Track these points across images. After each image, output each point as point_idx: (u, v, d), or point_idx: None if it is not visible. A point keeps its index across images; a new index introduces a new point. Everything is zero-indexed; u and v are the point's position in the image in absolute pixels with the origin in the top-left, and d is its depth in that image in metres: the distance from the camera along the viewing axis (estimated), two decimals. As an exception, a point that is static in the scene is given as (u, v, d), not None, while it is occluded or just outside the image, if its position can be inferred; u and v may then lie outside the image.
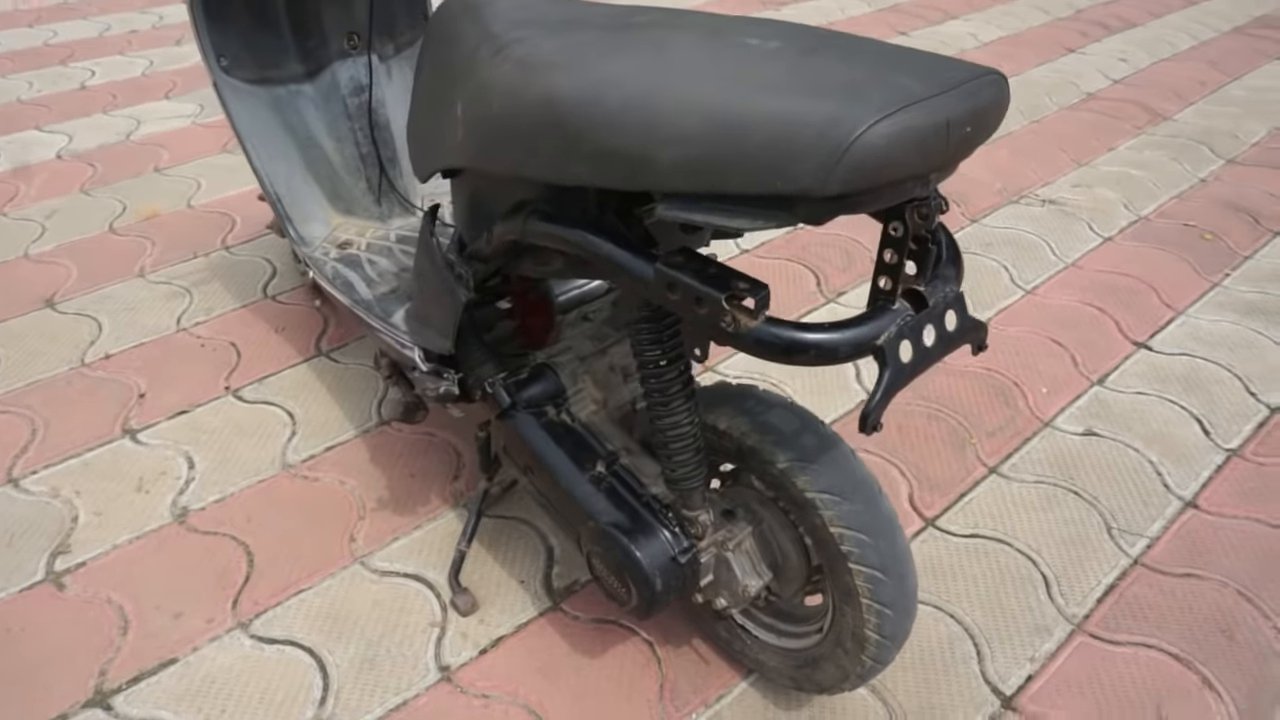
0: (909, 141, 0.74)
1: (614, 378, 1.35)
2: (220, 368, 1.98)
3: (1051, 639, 1.43)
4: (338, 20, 1.64)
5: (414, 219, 1.80)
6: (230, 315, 2.14)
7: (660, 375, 1.06)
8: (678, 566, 1.15)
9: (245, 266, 2.32)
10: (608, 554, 1.17)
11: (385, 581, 1.51)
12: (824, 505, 1.07)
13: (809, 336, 0.84)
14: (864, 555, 1.07)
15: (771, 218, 0.78)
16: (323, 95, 1.68)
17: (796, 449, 1.10)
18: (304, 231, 1.70)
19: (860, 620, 1.10)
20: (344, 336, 2.07)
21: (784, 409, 1.15)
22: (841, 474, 1.09)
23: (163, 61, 3.66)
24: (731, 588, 1.19)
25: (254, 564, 1.54)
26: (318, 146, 1.71)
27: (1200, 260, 2.40)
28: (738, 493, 1.23)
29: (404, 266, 1.62)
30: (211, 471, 1.72)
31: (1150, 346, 2.08)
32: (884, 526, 1.09)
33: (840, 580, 1.10)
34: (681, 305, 0.87)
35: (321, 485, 1.69)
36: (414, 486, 1.69)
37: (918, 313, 0.89)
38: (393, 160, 1.77)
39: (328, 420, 1.84)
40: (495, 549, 1.57)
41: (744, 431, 1.13)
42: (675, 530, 1.16)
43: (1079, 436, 1.82)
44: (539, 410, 1.27)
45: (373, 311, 1.46)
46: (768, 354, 0.85)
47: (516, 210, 1.05)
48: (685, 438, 1.09)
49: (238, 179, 2.72)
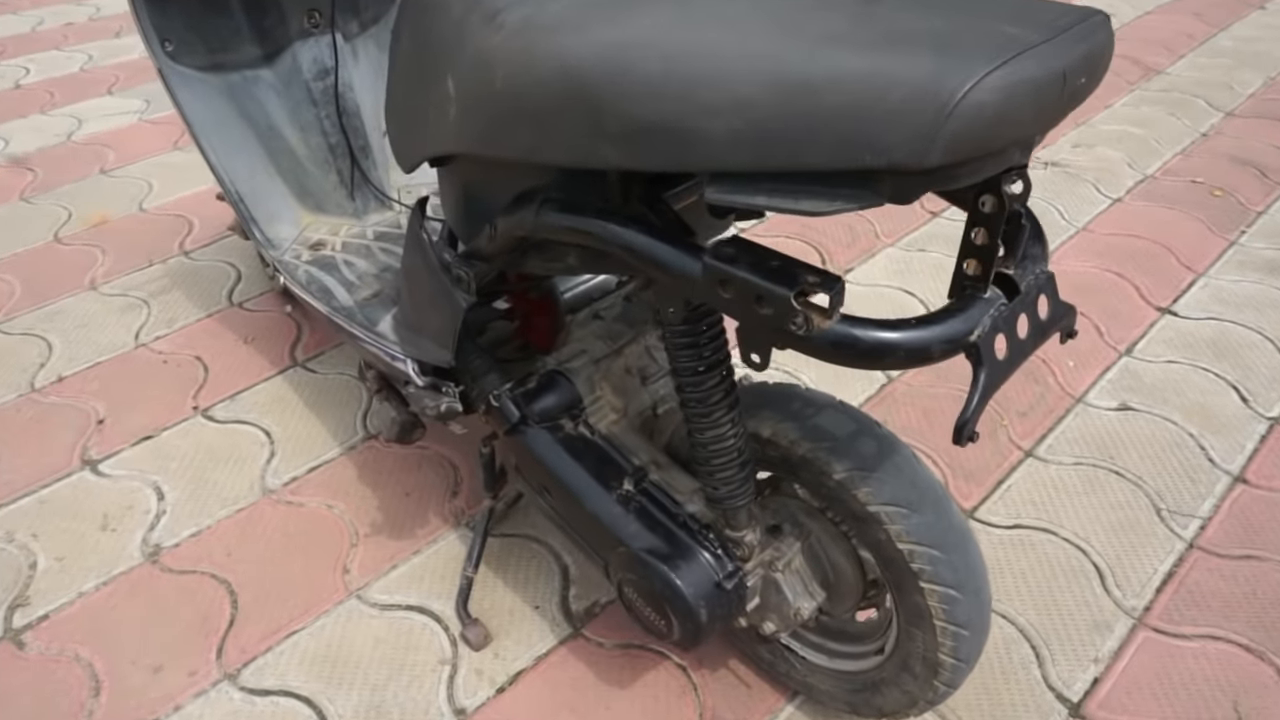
0: (1024, 97, 0.61)
1: (632, 381, 1.21)
2: (186, 385, 1.81)
3: (1113, 636, 1.33)
4: (295, -4, 1.47)
5: (392, 214, 1.64)
6: (194, 326, 1.97)
7: (700, 384, 0.92)
8: (723, 593, 1.03)
9: (207, 272, 2.14)
10: (643, 583, 1.04)
11: (386, 616, 1.37)
12: (890, 519, 0.95)
13: (895, 336, 0.71)
14: (937, 573, 0.95)
15: (851, 198, 0.65)
16: (283, 80, 1.51)
17: (854, 457, 0.97)
18: (271, 233, 1.54)
19: (933, 643, 0.98)
20: (320, 343, 1.91)
21: (835, 410, 1.02)
22: (906, 482, 0.97)
23: (103, 55, 3.43)
24: (781, 611, 1.07)
25: (238, 605, 1.39)
26: (281, 138, 1.54)
27: (1213, 218, 2.31)
28: (780, 504, 1.11)
29: (385, 266, 1.47)
30: (184, 502, 1.56)
31: (1175, 312, 1.98)
32: (957, 539, 0.97)
33: (909, 600, 0.98)
34: (736, 305, 0.74)
35: (307, 511, 1.54)
36: (410, 506, 1.55)
37: (1010, 300, 0.77)
38: (365, 150, 1.61)
39: (309, 437, 1.68)
40: (505, 572, 1.43)
41: (792, 439, 1.00)
42: (718, 552, 1.04)
43: (1114, 412, 1.72)
44: (553, 424, 1.13)
45: (355, 320, 1.31)
46: (845, 358, 0.72)
47: (523, 201, 0.91)
48: (729, 452, 0.96)
49: (192, 178, 2.53)
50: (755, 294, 0.72)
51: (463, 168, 1.01)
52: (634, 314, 1.27)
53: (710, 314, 0.90)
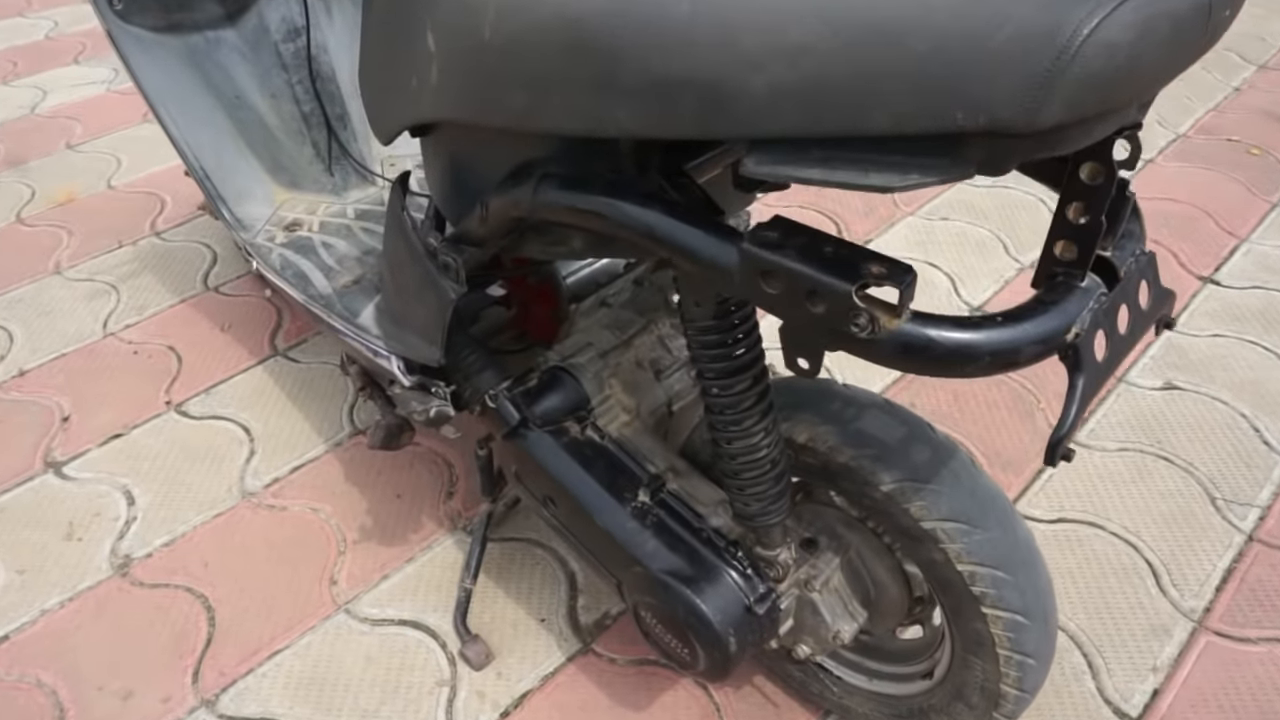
0: (1161, 34, 0.48)
1: (644, 375, 1.08)
2: (158, 378, 1.68)
3: (1172, 641, 1.21)
4: (259, -55, 1.31)
5: (375, 190, 1.50)
6: (166, 313, 1.83)
7: (729, 388, 0.80)
8: (754, 618, 0.91)
9: (180, 254, 2.00)
10: (663, 608, 0.92)
11: (378, 632, 1.25)
12: (948, 537, 0.83)
13: (978, 337, 0.58)
14: (1002, 597, 0.83)
15: (930, 168, 0.52)
16: (249, 42, 1.36)
17: (905, 465, 0.85)
18: (241, 213, 1.40)
19: (994, 673, 0.87)
20: (303, 330, 1.77)
21: (880, 411, 0.90)
22: (966, 494, 0.84)
23: (69, 21, 3.24)
24: (818, 634, 0.95)
25: (216, 622, 1.27)
26: (249, 107, 1.39)
27: (1252, 179, 2.16)
28: (815, 513, 0.98)
29: (368, 249, 1.33)
30: (156, 508, 1.44)
31: (1218, 281, 1.85)
32: (1023, 558, 0.85)
33: (968, 627, 0.86)
34: (782, 301, 0.61)
35: (291, 515, 1.42)
36: (401, 510, 1.42)
37: (1109, 289, 0.64)
38: (343, 119, 1.46)
39: (292, 434, 1.56)
40: (506, 581, 1.31)
41: (832, 445, 0.87)
42: (747, 572, 0.92)
43: (1159, 391, 1.60)
44: (558, 426, 1.00)
45: (334, 309, 1.18)
46: (916, 364, 0.59)
47: (519, 176, 0.77)
48: (761, 464, 0.84)
49: (165, 152, 2.37)
50: (807, 288, 0.58)
51: (448, 138, 0.87)
52: (644, 300, 1.13)
53: (742, 306, 0.77)
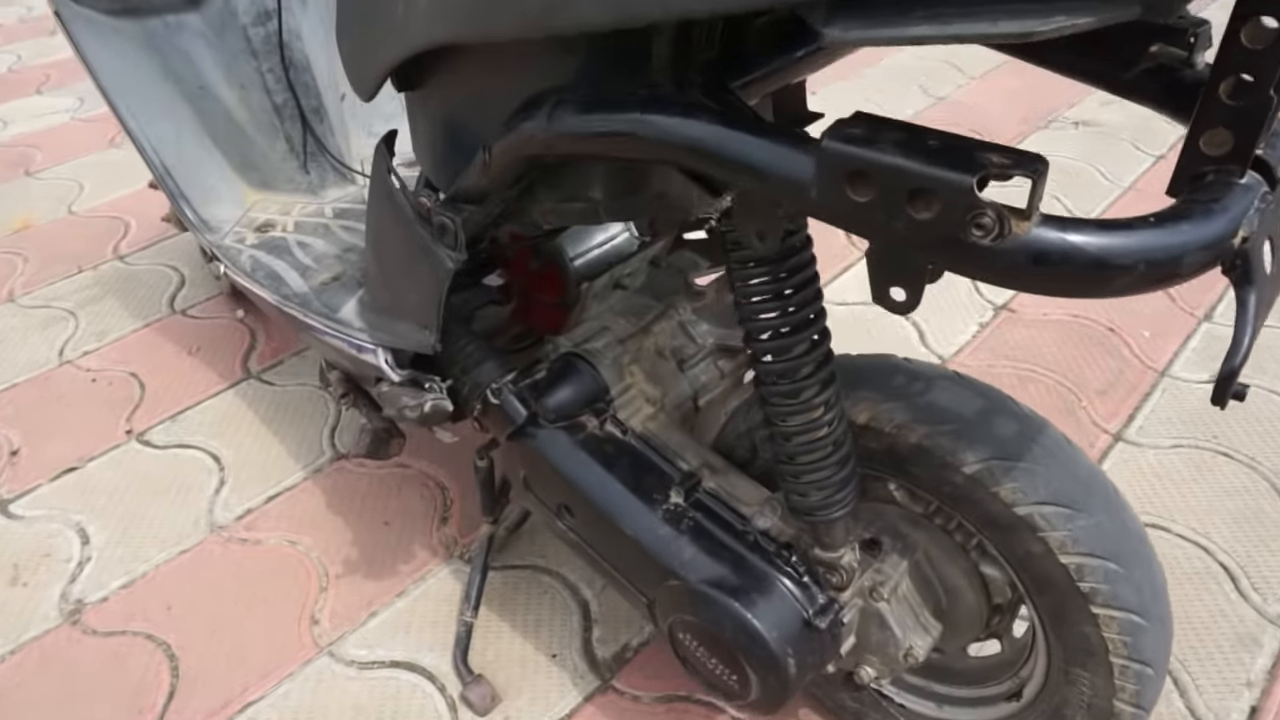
0: None
1: (665, 366, 0.95)
2: (118, 406, 1.53)
3: (1264, 652, 1.08)
4: (223, -79, 1.20)
5: (355, 189, 1.37)
6: (129, 339, 1.69)
7: (787, 350, 0.67)
8: (815, 634, 0.77)
9: (144, 277, 1.86)
10: (707, 627, 0.78)
11: (366, 676, 1.10)
12: (1049, 523, 0.69)
13: (1130, 241, 0.46)
14: (1116, 594, 0.70)
15: (1079, 8, 0.40)
16: (214, 27, 1.24)
17: (991, 442, 0.72)
18: (207, 214, 1.27)
19: (1106, 688, 0.73)
20: (278, 351, 1.63)
21: (952, 383, 0.77)
22: (1066, 474, 0.71)
23: (33, 54, 3.13)
24: (886, 652, 0.81)
25: (180, 672, 1.11)
26: (215, 98, 1.27)
27: (1269, 171, 2.09)
28: (873, 513, 0.85)
29: (349, 247, 1.20)
30: (113, 546, 1.28)
31: (1250, 271, 1.75)
32: (1136, 548, 0.72)
33: (1074, 632, 0.72)
34: (875, 212, 0.48)
35: (265, 549, 1.26)
36: (390, 538, 1.27)
37: (1272, 189, 0.52)
38: (319, 112, 1.34)
39: (266, 461, 1.41)
40: (511, 613, 1.16)
41: (900, 424, 0.75)
42: (804, 580, 0.78)
43: (1207, 385, 1.48)
44: (573, 422, 0.87)
45: (311, 307, 1.05)
46: (1052, 278, 0.46)
47: (530, 109, 0.65)
48: (824, 444, 0.71)
49: (131, 176, 2.24)
50: (911, 188, 0.46)
51: (441, 83, 0.75)
52: (662, 283, 1.01)
53: (802, 250, 0.65)
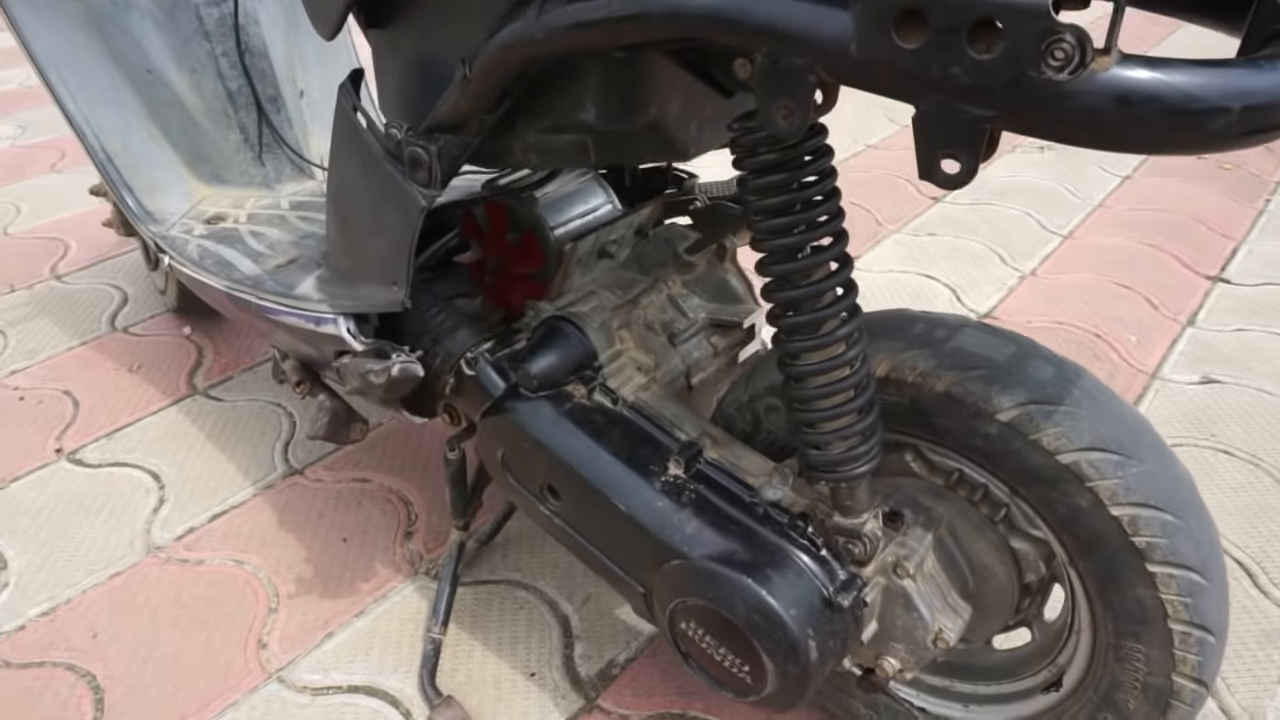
0: None
1: (655, 340, 0.88)
2: (48, 425, 1.40)
3: (1293, 649, 1.01)
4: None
5: (313, 183, 1.29)
6: (63, 357, 1.56)
7: (806, 274, 0.60)
8: (837, 614, 0.68)
9: (83, 296, 1.74)
10: (715, 609, 0.69)
11: (321, 703, 0.97)
12: (1098, 471, 0.62)
13: (1222, 80, 0.40)
14: (1175, 548, 0.62)
15: None
16: (165, 7, 1.17)
17: (1027, 384, 0.65)
18: (153, 205, 1.17)
19: (1164, 661, 0.65)
20: (228, 368, 1.52)
21: (974, 330, 0.71)
22: (1111, 418, 0.65)
23: (-26, 91, 3.02)
24: (914, 637, 0.73)
25: (104, 705, 0.98)
26: (164, 84, 1.19)
27: (1233, 189, 2.11)
28: (891, 486, 0.77)
29: (306, 234, 1.11)
30: (33, 571, 1.14)
31: (1227, 279, 1.75)
32: (1191, 498, 0.65)
33: (1127, 596, 0.65)
34: (927, 59, 0.42)
35: (208, 570, 1.14)
36: (349, 555, 1.16)
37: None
38: (276, 102, 1.26)
39: (211, 478, 1.29)
40: (483, 630, 1.05)
41: (925, 372, 0.68)
42: (822, 554, 0.70)
43: (1198, 386, 1.45)
44: (557, 391, 0.78)
45: (264, 288, 0.95)
46: (1137, 122, 0.40)
47: (515, 13, 0.59)
48: (846, 385, 0.63)
49: (71, 199, 2.13)
50: (974, 19, 0.40)
51: (412, 11, 0.68)
52: (649, 255, 0.94)
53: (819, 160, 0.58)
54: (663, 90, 0.65)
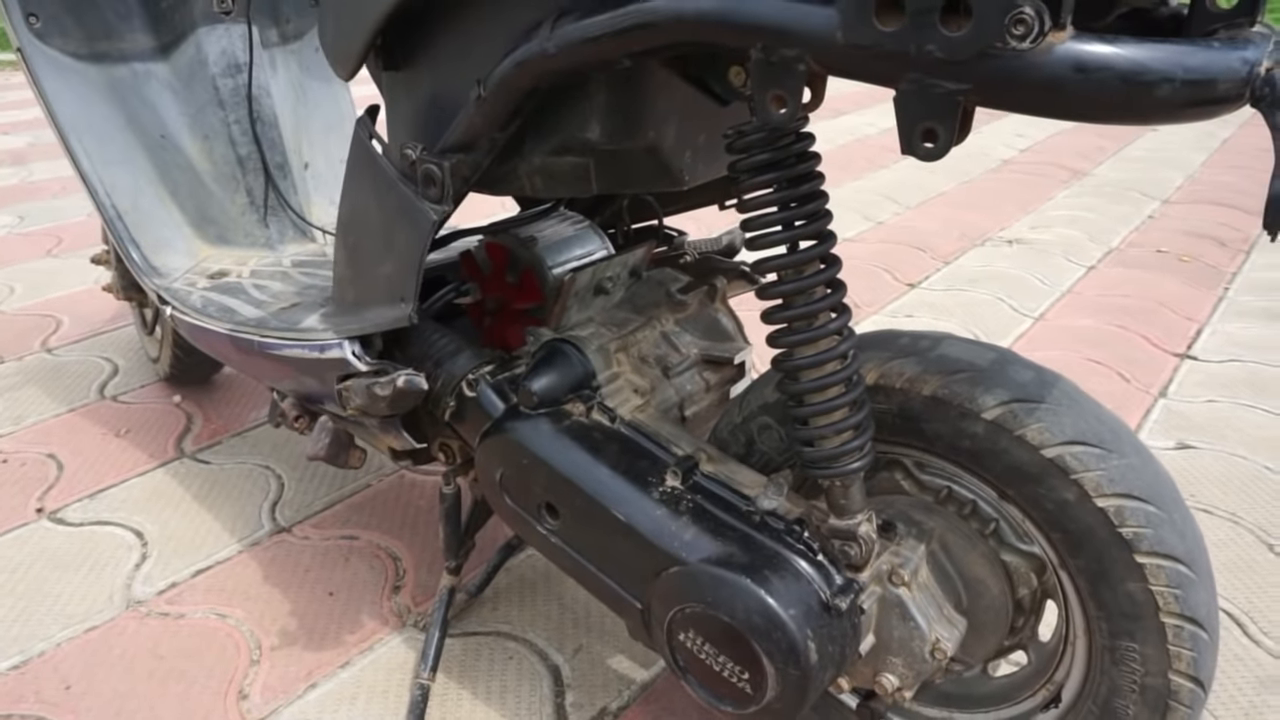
0: None
1: (650, 371, 0.91)
2: (30, 485, 1.38)
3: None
4: (202, -27, 1.23)
5: (314, 245, 1.34)
6: (50, 423, 1.56)
7: (798, 269, 0.64)
8: (835, 619, 0.69)
9: (73, 368, 1.75)
10: (714, 613, 0.69)
11: (302, 753, 0.94)
12: (1081, 464, 0.65)
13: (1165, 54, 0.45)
14: (1161, 538, 0.64)
15: None
16: (183, 78, 1.24)
17: (1009, 385, 0.68)
18: (158, 261, 1.21)
19: (1159, 659, 0.66)
20: (217, 433, 1.52)
21: (956, 341, 0.74)
22: (1090, 415, 0.68)
23: (-25, 186, 3.10)
24: (911, 649, 0.73)
25: (75, 757, 0.94)
26: (177, 149, 1.25)
27: (1192, 278, 2.21)
28: (884, 503, 0.79)
29: (307, 286, 1.15)
30: (6, 625, 1.11)
31: (1194, 356, 1.81)
32: (1172, 492, 0.67)
33: (1117, 592, 0.66)
34: (906, 39, 0.47)
35: (188, 623, 1.11)
36: (334, 608, 1.14)
37: None
38: (282, 168, 1.32)
39: (195, 535, 1.27)
40: (472, 680, 1.03)
41: (912, 377, 0.71)
42: (818, 558, 0.71)
43: (1175, 451, 1.48)
44: (557, 410, 0.81)
45: (268, 326, 0.98)
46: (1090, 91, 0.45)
47: (528, 35, 0.64)
48: (837, 378, 0.66)
49: (66, 280, 2.17)
50: (943, 1, 0.45)
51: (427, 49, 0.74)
52: (643, 296, 0.98)
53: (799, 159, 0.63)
54: (661, 114, 0.70)
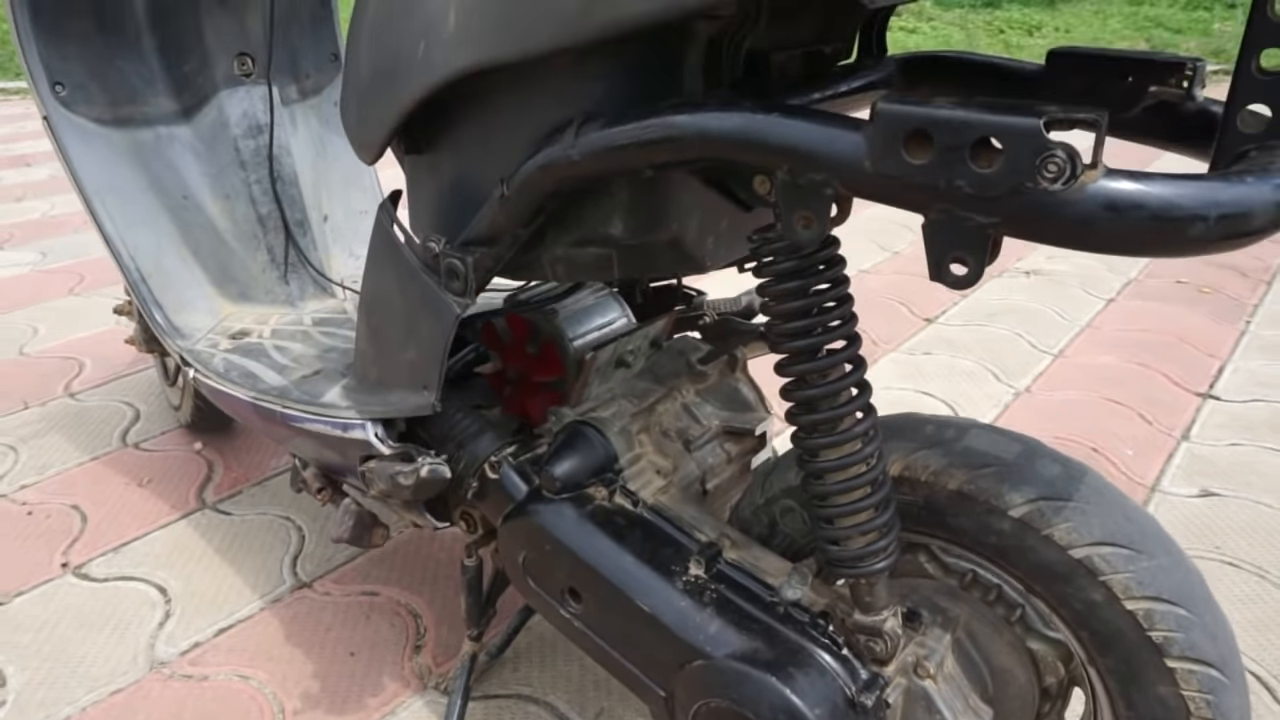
0: None
1: (671, 445, 0.90)
2: (56, 539, 1.40)
3: (1319, 764, 1.00)
4: (223, 37, 1.24)
5: (334, 301, 1.35)
6: (73, 472, 1.57)
7: (824, 375, 0.63)
8: (861, 715, 0.68)
9: (96, 414, 1.77)
10: (739, 710, 0.69)
11: (325, 826, 0.94)
12: (1110, 565, 0.64)
13: (1200, 191, 0.45)
14: (1192, 643, 0.64)
15: None
16: (205, 140, 1.25)
17: (1037, 482, 0.68)
18: (180, 321, 1.22)
19: (1192, 763, 0.65)
20: (238, 482, 1.53)
21: (981, 430, 0.74)
22: (1118, 513, 0.67)
23: (0, 218, 3.14)
24: (937, 742, 0.72)
25: (100, 829, 0.94)
26: (198, 209, 1.26)
27: (1213, 311, 2.19)
28: (908, 587, 0.79)
29: (328, 348, 1.16)
30: (33, 689, 1.12)
31: (1217, 396, 1.79)
32: (1203, 593, 0.67)
33: (1148, 696, 0.65)
34: (934, 173, 0.47)
35: (212, 685, 1.12)
36: (356, 669, 1.14)
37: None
38: (302, 225, 1.33)
39: (218, 591, 1.28)
40: (494, 746, 1.03)
41: (938, 471, 0.70)
42: (844, 653, 0.70)
43: (1198, 499, 1.47)
44: (579, 494, 0.81)
45: (290, 397, 0.99)
46: (1123, 229, 0.45)
47: (553, 137, 0.65)
48: (863, 481, 0.66)
49: (89, 320, 2.19)
50: (974, 139, 0.45)
51: (451, 137, 0.74)
52: (664, 366, 0.98)
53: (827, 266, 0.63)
54: (684, 208, 0.70)
